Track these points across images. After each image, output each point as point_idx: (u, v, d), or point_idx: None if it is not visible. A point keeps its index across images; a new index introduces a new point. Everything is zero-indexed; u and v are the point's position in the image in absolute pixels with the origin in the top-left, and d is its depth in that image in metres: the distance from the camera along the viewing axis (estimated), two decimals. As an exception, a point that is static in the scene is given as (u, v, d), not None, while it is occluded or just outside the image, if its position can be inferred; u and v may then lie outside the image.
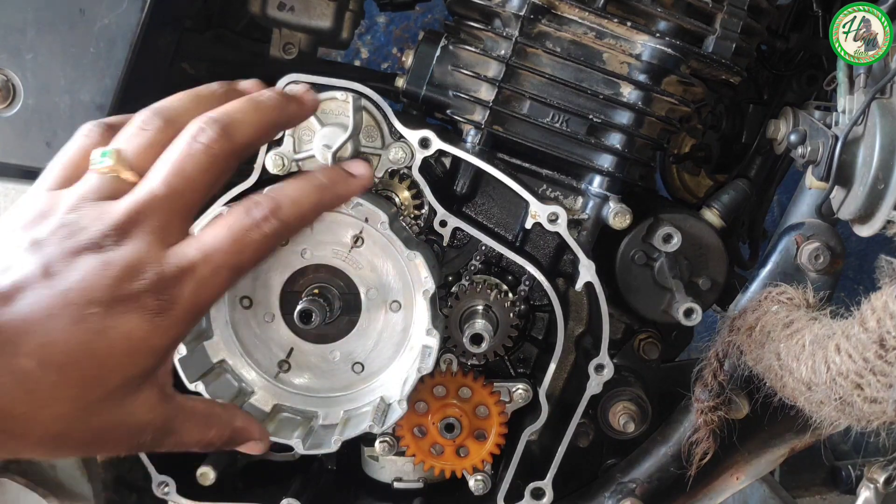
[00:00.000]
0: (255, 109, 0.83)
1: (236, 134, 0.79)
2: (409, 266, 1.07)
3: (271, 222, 0.79)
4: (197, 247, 0.76)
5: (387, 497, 1.24)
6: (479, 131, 1.10)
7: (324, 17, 1.27)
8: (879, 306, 0.75)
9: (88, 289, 0.70)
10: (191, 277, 0.74)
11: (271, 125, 0.85)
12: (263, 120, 0.83)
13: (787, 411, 0.97)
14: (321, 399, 1.13)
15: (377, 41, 2.48)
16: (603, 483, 1.24)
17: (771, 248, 1.15)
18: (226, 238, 0.77)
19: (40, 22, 1.02)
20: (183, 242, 0.76)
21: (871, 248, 2.32)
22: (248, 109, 0.82)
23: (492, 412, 1.13)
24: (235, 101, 0.83)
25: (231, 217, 0.79)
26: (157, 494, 1.13)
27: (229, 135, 0.78)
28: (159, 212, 0.75)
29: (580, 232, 1.12)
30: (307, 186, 0.86)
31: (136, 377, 0.74)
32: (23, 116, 1.04)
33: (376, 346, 1.11)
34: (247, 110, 0.82)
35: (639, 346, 1.25)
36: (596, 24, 1.07)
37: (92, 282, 0.70)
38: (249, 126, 0.81)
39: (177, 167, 0.76)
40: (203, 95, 0.85)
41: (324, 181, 0.89)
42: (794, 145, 1.07)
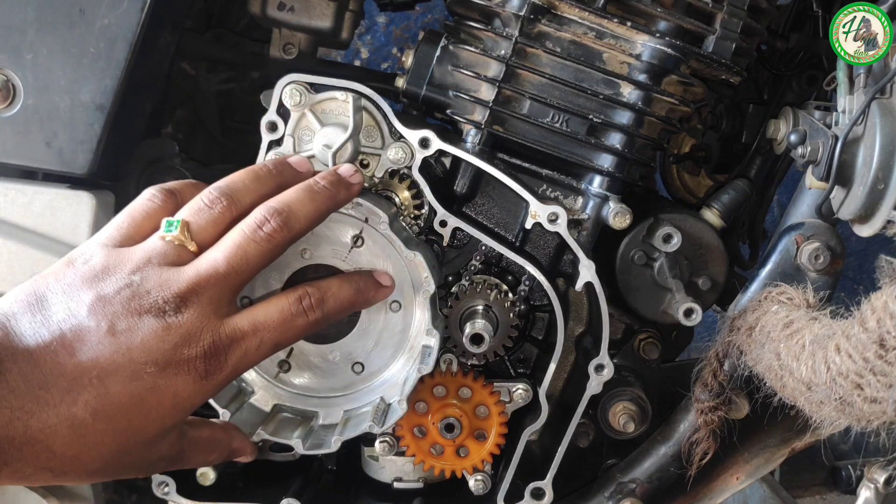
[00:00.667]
0: (311, 200, 0.92)
1: (295, 225, 0.89)
2: (409, 266, 1.07)
3: (315, 314, 0.91)
4: (249, 321, 0.86)
5: (387, 497, 1.24)
6: (479, 131, 1.09)
7: (324, 17, 1.27)
8: (879, 306, 0.75)
9: (149, 350, 0.79)
10: (238, 347, 0.84)
11: (324, 213, 0.94)
12: (318, 209, 0.93)
13: (787, 411, 0.97)
14: (321, 399, 1.13)
15: (377, 41, 2.48)
16: (603, 483, 1.24)
17: (771, 248, 1.15)
18: (276, 319, 0.88)
19: (40, 22, 1.02)
20: (237, 316, 0.86)
21: (871, 248, 2.32)
22: (305, 200, 0.91)
23: (492, 412, 1.13)
24: (293, 189, 0.92)
25: (284, 301, 0.90)
26: (157, 494, 1.13)
27: (289, 226, 0.88)
28: (218, 286, 0.83)
29: (580, 232, 1.12)
30: (350, 287, 0.98)
31: (171, 427, 0.83)
32: (23, 116, 1.04)
33: (376, 346, 1.11)
34: (304, 201, 0.91)
35: (639, 346, 1.24)
36: (596, 24, 1.07)
37: (153, 344, 0.79)
38: (306, 217, 0.91)
39: (240, 250, 0.85)
40: (261, 175, 0.94)
41: (362, 285, 1.00)
42: (794, 145, 1.07)
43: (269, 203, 0.89)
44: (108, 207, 1.10)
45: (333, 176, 0.97)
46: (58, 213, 1.06)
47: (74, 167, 1.05)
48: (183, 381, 0.81)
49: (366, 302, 1.02)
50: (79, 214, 1.06)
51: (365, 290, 1.00)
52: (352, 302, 0.98)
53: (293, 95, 1.02)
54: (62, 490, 1.23)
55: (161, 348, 0.79)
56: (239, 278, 0.86)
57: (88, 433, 0.76)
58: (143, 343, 0.79)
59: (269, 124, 1.03)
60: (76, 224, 1.06)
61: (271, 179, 0.94)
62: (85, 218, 1.06)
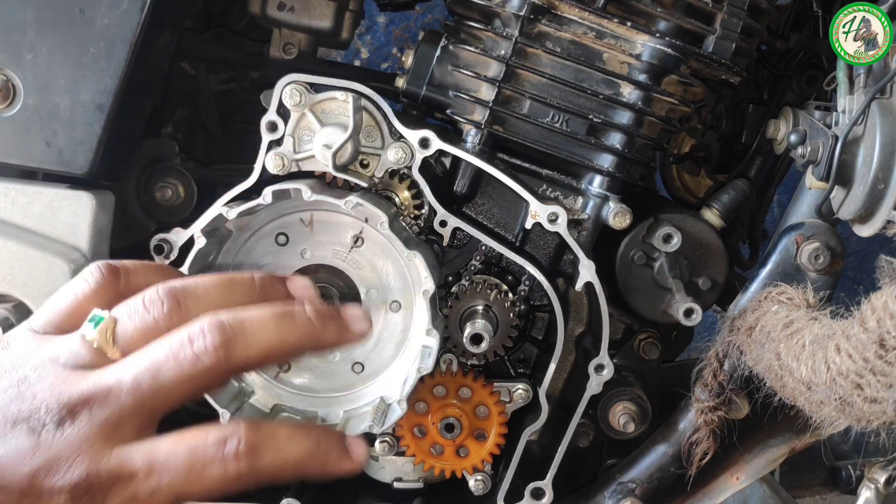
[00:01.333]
0: (279, 326, 0.73)
1: (239, 351, 0.70)
2: (409, 266, 1.07)
3: (240, 465, 0.68)
4: (145, 457, 0.66)
5: (387, 497, 1.24)
6: (479, 131, 1.09)
7: (324, 17, 1.27)
8: (879, 306, 0.75)
9: (6, 470, 0.63)
10: (122, 489, 0.65)
11: (294, 349, 0.76)
12: (285, 341, 0.73)
13: (787, 411, 0.97)
14: (321, 399, 1.13)
15: (377, 41, 2.48)
16: (603, 483, 1.24)
17: (771, 248, 1.15)
18: (182, 461, 0.66)
19: (40, 22, 1.02)
20: (132, 447, 0.67)
21: (871, 248, 2.32)
22: (269, 324, 0.72)
23: (492, 412, 1.13)
24: (262, 307, 0.73)
25: (200, 437, 0.68)
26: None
27: (229, 350, 0.69)
28: (115, 405, 0.66)
29: (580, 232, 1.12)
30: (304, 443, 0.74)
31: None
32: (23, 116, 1.04)
33: (376, 346, 1.11)
34: (267, 325, 0.72)
35: (639, 346, 1.24)
36: (596, 24, 1.07)
37: (11, 464, 0.63)
38: (261, 345, 0.71)
39: (153, 368, 0.68)
40: (236, 285, 0.76)
41: (323, 447, 0.75)
42: (794, 145, 1.07)
43: (216, 314, 0.70)
44: (108, 207, 1.10)
45: (330, 311, 0.78)
46: (58, 213, 1.06)
47: (74, 167, 1.05)
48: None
49: (321, 468, 0.75)
50: (79, 214, 1.06)
51: (325, 454, 0.75)
52: (300, 464, 0.73)
53: (293, 95, 1.02)
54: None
55: (17, 472, 0.63)
56: (146, 402, 0.67)
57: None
58: (3, 459, 0.63)
59: (269, 124, 1.03)
60: (76, 224, 1.06)
61: (247, 294, 0.77)
62: (85, 218, 1.06)
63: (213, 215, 1.00)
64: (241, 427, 0.69)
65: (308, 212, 1.07)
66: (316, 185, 1.03)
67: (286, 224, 1.08)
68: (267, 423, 0.78)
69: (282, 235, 1.07)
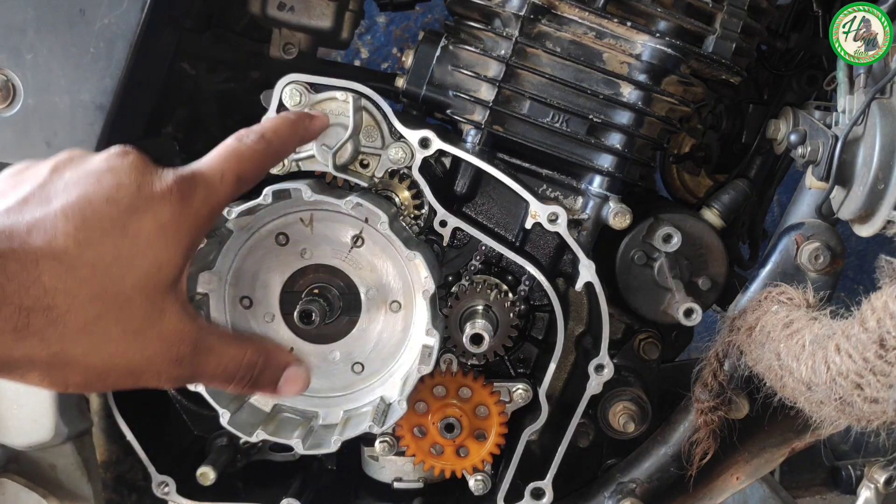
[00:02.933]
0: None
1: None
2: (409, 266, 1.07)
3: (260, 143, 0.87)
4: (200, 162, 0.83)
5: (387, 497, 1.24)
6: (479, 131, 1.09)
7: (324, 17, 1.27)
8: (879, 306, 0.75)
9: (119, 179, 0.77)
10: (201, 180, 0.80)
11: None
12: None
13: (787, 411, 0.97)
14: (321, 399, 1.13)
15: (377, 41, 2.48)
16: (603, 483, 1.24)
17: (771, 248, 1.15)
18: (222, 152, 0.85)
19: (40, 22, 1.02)
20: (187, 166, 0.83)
21: (871, 248, 2.32)
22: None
23: (492, 412, 1.13)
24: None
25: (226, 142, 0.86)
26: (157, 494, 1.13)
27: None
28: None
29: (580, 232, 1.12)
30: (284, 119, 0.95)
31: (170, 275, 0.77)
32: (23, 116, 1.04)
33: (376, 346, 1.11)
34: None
35: (639, 346, 1.24)
36: (596, 24, 1.07)
37: (122, 175, 0.77)
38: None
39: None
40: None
41: (294, 118, 0.96)
42: (794, 145, 1.07)
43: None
44: (108, 207, 1.09)
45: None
46: (58, 213, 1.06)
47: (74, 167, 1.05)
48: (159, 204, 0.76)
49: (306, 132, 0.99)
50: (79, 214, 1.06)
51: (300, 120, 0.97)
52: (291, 131, 0.95)
53: (293, 95, 1.02)
54: (62, 490, 1.24)
55: (130, 177, 0.77)
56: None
57: (76, 265, 0.71)
58: (112, 174, 0.77)
59: (269, 124, 1.03)
60: (76, 224, 1.06)
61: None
62: (85, 218, 1.06)
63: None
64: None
65: (308, 212, 1.07)
66: (316, 185, 1.03)
67: (286, 224, 1.08)
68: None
69: (282, 235, 1.07)
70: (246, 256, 1.08)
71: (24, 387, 1.12)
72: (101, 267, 0.73)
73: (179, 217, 0.78)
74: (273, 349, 0.89)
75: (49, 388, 0.74)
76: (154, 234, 0.76)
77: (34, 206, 0.74)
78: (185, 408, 1.22)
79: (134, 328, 0.75)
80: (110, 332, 0.74)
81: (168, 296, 0.78)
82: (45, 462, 1.24)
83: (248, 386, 0.86)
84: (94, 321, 0.73)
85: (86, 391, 0.76)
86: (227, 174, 0.83)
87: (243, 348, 0.85)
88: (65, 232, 0.72)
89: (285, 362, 0.89)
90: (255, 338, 0.91)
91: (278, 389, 0.88)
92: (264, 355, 0.87)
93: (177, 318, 0.79)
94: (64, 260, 0.71)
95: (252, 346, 0.86)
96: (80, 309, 0.72)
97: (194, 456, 1.19)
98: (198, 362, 0.81)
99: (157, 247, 0.76)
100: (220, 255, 1.08)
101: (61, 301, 0.71)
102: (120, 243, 0.74)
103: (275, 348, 0.89)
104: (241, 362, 0.84)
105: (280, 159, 0.94)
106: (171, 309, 0.78)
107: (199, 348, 0.80)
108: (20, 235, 0.70)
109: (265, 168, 0.89)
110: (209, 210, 0.81)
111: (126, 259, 0.74)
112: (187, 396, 1.21)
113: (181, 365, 0.79)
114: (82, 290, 0.72)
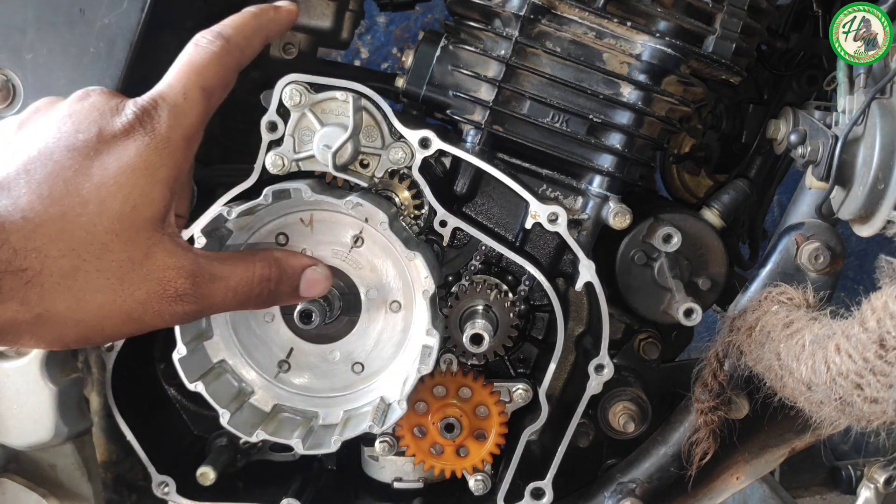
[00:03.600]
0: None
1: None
2: (408, 266, 1.07)
3: (217, 42, 0.84)
4: (159, 84, 0.80)
5: (387, 497, 1.24)
6: (479, 131, 1.09)
7: (324, 17, 1.27)
8: (879, 306, 0.75)
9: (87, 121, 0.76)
10: (163, 104, 0.77)
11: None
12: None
13: (787, 411, 0.97)
14: (321, 399, 1.13)
15: (377, 41, 2.48)
16: (603, 483, 1.24)
17: (771, 248, 1.15)
18: (180, 67, 0.81)
19: (40, 22, 1.02)
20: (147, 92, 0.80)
21: (871, 248, 2.32)
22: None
23: (492, 412, 1.13)
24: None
25: (183, 53, 0.83)
26: (157, 494, 1.13)
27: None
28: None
29: (580, 232, 1.12)
30: (244, 13, 0.92)
31: (157, 202, 0.75)
32: (23, 116, 1.04)
33: (376, 346, 1.11)
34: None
35: (639, 346, 1.24)
36: (596, 24, 1.07)
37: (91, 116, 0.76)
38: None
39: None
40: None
41: (255, 10, 0.94)
42: (794, 145, 1.07)
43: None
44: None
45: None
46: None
47: (74, 167, 1.05)
48: (122, 142, 0.74)
49: (271, 22, 0.96)
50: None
51: (264, 12, 0.95)
52: (254, 25, 0.93)
53: (293, 95, 1.02)
54: (62, 490, 1.24)
55: (89, 119, 0.76)
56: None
57: (43, 222, 0.69)
58: (72, 120, 0.76)
59: (269, 124, 1.03)
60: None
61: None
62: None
63: (213, 215, 1.00)
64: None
65: (308, 212, 1.07)
66: (316, 185, 1.03)
67: (286, 224, 1.08)
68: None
69: (282, 235, 1.07)
70: (246, 256, 1.08)
71: (24, 387, 1.12)
72: (69, 218, 0.70)
73: (147, 150, 0.75)
74: (283, 256, 0.86)
75: (47, 347, 0.72)
76: (121, 174, 0.73)
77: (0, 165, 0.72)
78: (185, 408, 1.22)
79: (118, 274, 0.72)
80: (93, 283, 0.71)
81: (152, 233, 0.75)
82: (45, 462, 1.24)
83: (268, 300, 0.82)
84: (72, 275, 0.70)
85: (87, 345, 0.74)
86: (189, 89, 0.79)
87: (251, 264, 0.82)
88: (28, 189, 0.70)
89: (301, 265, 0.87)
90: (261, 250, 0.86)
91: (301, 294, 0.85)
92: (276, 265, 0.84)
93: (165, 254, 0.76)
94: (30, 218, 0.69)
95: (260, 259, 0.83)
96: (55, 265, 0.69)
97: (194, 456, 1.19)
98: (203, 293, 0.78)
99: (127, 186, 0.73)
100: (220, 255, 1.08)
101: (33, 261, 0.69)
102: (86, 191, 0.71)
103: (285, 254, 0.86)
104: (252, 279, 0.81)
105: (246, 58, 0.87)
106: (157, 247, 0.75)
107: (201, 279, 0.78)
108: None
109: (231, 70, 0.84)
110: (181, 133, 0.77)
111: (95, 205, 0.72)
112: (187, 396, 1.21)
113: (184, 300, 0.76)
114: (53, 247, 0.69)
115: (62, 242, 0.70)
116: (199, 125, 0.80)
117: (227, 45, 0.84)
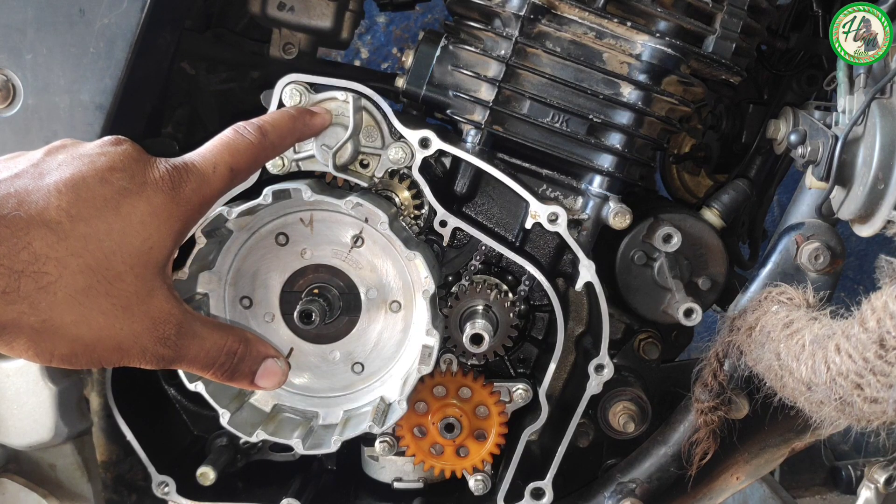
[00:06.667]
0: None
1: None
2: (409, 266, 1.07)
3: (255, 134, 0.90)
4: (194, 153, 0.85)
5: (387, 497, 1.24)
6: (479, 131, 1.09)
7: (324, 17, 1.27)
8: (879, 306, 0.75)
9: (113, 162, 0.80)
10: (193, 170, 0.82)
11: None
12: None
13: (787, 411, 0.97)
14: (321, 399, 1.13)
15: (377, 41, 2.48)
16: (603, 483, 1.24)
17: (771, 248, 1.15)
18: (217, 144, 0.87)
19: (40, 22, 1.02)
20: (181, 156, 0.85)
21: (871, 248, 2.32)
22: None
23: (492, 412, 1.13)
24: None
25: (222, 134, 0.88)
26: (157, 494, 1.13)
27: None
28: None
29: (580, 232, 1.12)
30: (284, 113, 0.98)
31: (159, 258, 0.79)
32: (23, 116, 1.04)
33: (376, 346, 1.11)
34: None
35: (639, 346, 1.24)
36: (596, 24, 1.07)
37: (116, 159, 0.80)
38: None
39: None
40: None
41: (294, 113, 1.00)
42: (794, 145, 1.07)
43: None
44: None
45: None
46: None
47: (74, 167, 1.05)
48: (152, 190, 0.79)
49: (306, 128, 1.01)
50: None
51: (301, 116, 1.00)
52: (291, 126, 0.98)
53: (293, 95, 1.02)
54: (62, 490, 1.24)
55: (124, 163, 0.80)
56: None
57: (68, 236, 0.73)
58: (107, 158, 0.79)
59: (269, 124, 1.03)
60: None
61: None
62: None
63: (213, 215, 1.00)
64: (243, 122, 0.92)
65: (308, 212, 1.07)
66: (316, 185, 1.03)
67: (286, 224, 1.08)
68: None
69: (282, 235, 1.07)
70: (246, 256, 1.08)
71: (24, 387, 1.12)
72: (93, 241, 0.74)
73: (170, 204, 0.80)
74: (254, 339, 0.90)
75: (34, 357, 0.75)
76: (146, 217, 0.78)
77: (27, 179, 0.75)
78: (185, 408, 1.22)
79: (123, 303, 0.77)
80: (100, 304, 0.75)
81: (157, 277, 0.80)
82: (45, 462, 1.24)
83: (226, 374, 0.88)
84: (85, 292, 0.74)
85: (70, 365, 0.77)
86: (219, 166, 0.85)
87: (225, 335, 0.87)
88: (57, 205, 0.73)
89: (265, 354, 0.91)
90: (238, 328, 0.91)
91: (255, 381, 0.89)
92: (244, 344, 0.89)
93: (163, 299, 0.81)
94: (56, 230, 0.73)
95: (233, 334, 0.88)
96: (71, 278, 0.73)
97: (194, 456, 1.19)
98: (181, 344, 0.82)
99: (149, 228, 0.78)
100: (220, 256, 1.08)
101: (52, 268, 0.72)
102: (112, 221, 0.76)
103: (255, 339, 0.91)
104: (221, 349, 0.86)
105: (276, 154, 0.94)
106: (159, 290, 0.80)
107: (184, 331, 0.82)
108: (11, 203, 0.72)
109: (260, 161, 0.91)
110: (200, 200, 0.83)
111: (118, 236, 0.76)
112: (187, 396, 1.21)
113: (166, 345, 0.81)
114: (74, 261, 0.73)
115: (82, 259, 0.74)
116: (217, 197, 0.86)
117: (264, 140, 0.90)
